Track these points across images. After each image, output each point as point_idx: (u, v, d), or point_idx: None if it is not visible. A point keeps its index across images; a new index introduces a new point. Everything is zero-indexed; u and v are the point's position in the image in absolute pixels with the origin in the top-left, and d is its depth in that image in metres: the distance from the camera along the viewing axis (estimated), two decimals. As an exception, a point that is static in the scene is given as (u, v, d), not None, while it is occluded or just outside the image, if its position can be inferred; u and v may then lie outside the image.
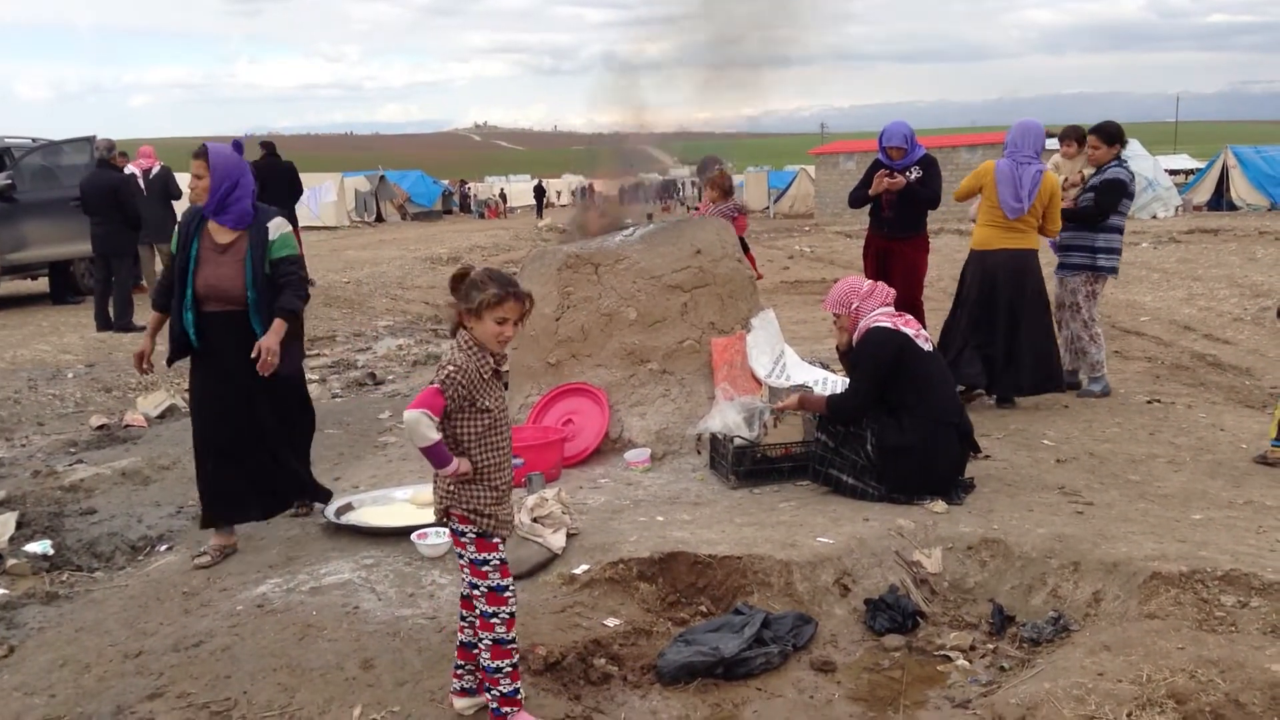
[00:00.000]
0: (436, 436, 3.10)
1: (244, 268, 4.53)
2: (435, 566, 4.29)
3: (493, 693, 3.19)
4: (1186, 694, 3.29)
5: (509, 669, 3.18)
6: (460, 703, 3.32)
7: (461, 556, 3.24)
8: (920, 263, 7.56)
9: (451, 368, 3.13)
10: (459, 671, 3.34)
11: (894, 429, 4.88)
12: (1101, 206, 6.97)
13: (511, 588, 3.23)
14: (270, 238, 4.60)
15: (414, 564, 4.32)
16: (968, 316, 6.84)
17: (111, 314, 11.80)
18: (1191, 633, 3.63)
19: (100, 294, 11.99)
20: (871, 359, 4.97)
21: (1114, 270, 7.20)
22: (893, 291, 5.25)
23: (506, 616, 3.19)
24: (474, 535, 3.20)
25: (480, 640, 3.20)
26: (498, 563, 3.21)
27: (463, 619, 3.34)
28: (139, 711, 3.31)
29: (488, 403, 3.20)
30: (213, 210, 4.56)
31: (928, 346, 5.09)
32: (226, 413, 4.64)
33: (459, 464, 3.15)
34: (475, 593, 3.22)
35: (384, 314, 14.23)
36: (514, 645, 3.21)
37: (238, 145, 4.67)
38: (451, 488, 3.21)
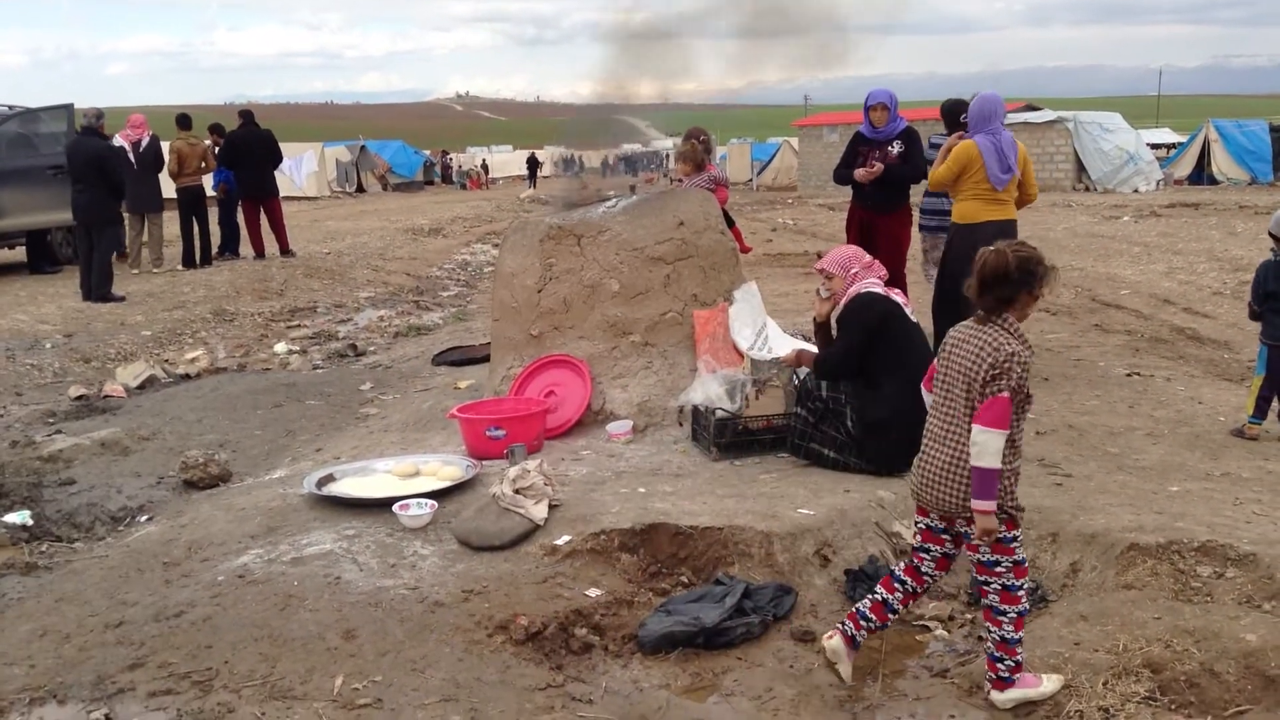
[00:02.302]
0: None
1: None
2: (417, 538, 4.29)
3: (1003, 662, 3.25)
4: (1162, 663, 3.34)
5: (1011, 664, 3.25)
6: (830, 643, 3.49)
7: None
8: (904, 236, 7.57)
9: (1020, 366, 3.08)
10: (861, 622, 3.46)
11: (874, 402, 4.89)
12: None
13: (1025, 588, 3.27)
14: None
15: (395, 535, 4.32)
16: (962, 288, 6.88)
17: (90, 285, 11.68)
18: (1168, 603, 3.68)
19: (85, 264, 11.86)
20: (860, 319, 4.99)
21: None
22: (885, 273, 5.28)
23: (1015, 616, 3.23)
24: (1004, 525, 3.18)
25: (990, 633, 3.28)
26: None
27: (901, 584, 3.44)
28: (120, 681, 3.30)
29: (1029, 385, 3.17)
30: None
31: (914, 318, 5.13)
32: None
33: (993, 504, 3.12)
34: (987, 588, 3.27)
35: (365, 285, 14.16)
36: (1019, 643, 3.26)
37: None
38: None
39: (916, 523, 3.46)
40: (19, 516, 5.12)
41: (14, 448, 6.31)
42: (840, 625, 3.53)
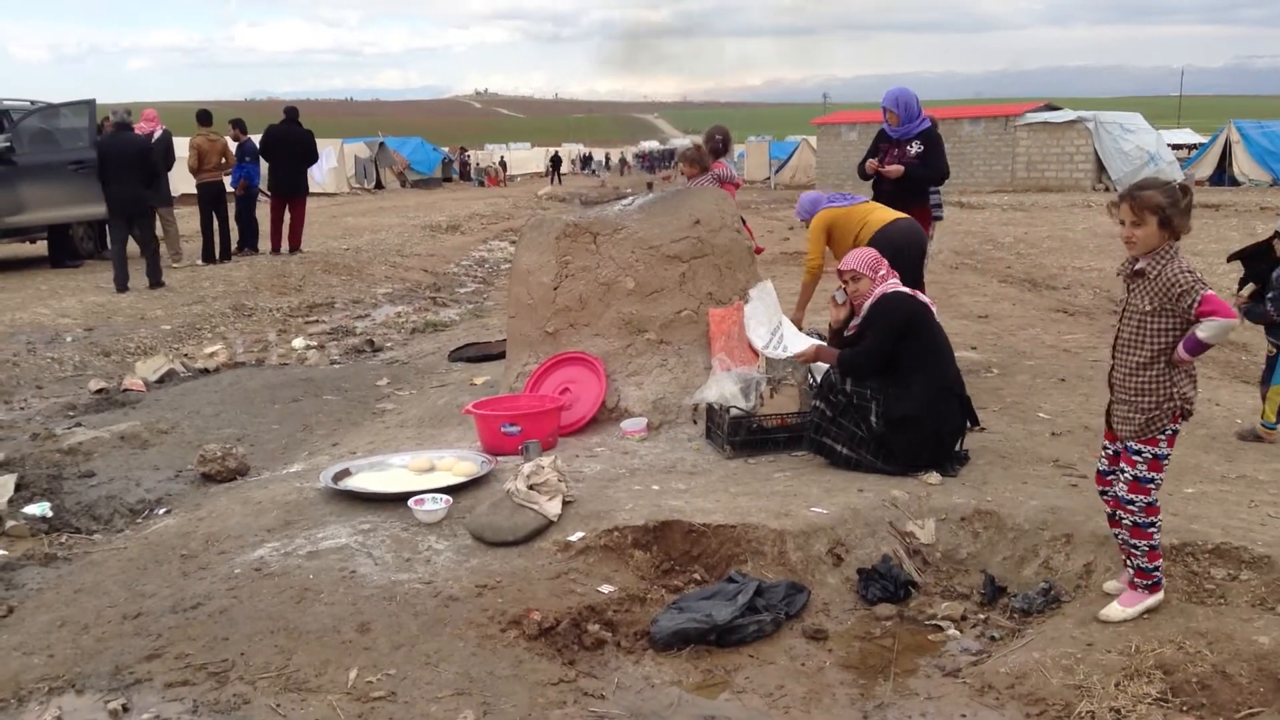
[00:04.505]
0: None
1: None
2: (431, 532, 4.32)
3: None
4: (1174, 665, 3.33)
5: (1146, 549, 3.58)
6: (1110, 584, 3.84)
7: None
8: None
9: (1200, 276, 3.40)
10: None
11: (900, 399, 4.88)
12: None
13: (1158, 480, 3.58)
14: None
15: (410, 530, 4.35)
16: None
17: (125, 277, 11.94)
18: (1181, 605, 3.67)
19: (119, 256, 12.08)
20: (888, 320, 5.00)
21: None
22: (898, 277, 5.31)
23: (1144, 505, 3.55)
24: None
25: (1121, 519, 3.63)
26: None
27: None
28: (137, 672, 3.34)
29: None
30: None
31: (938, 318, 5.16)
32: None
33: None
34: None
35: (383, 281, 14.21)
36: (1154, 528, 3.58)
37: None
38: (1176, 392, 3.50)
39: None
40: (39, 508, 5.18)
41: (35, 440, 6.37)
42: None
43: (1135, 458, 3.56)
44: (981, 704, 3.36)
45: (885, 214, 6.77)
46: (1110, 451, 3.72)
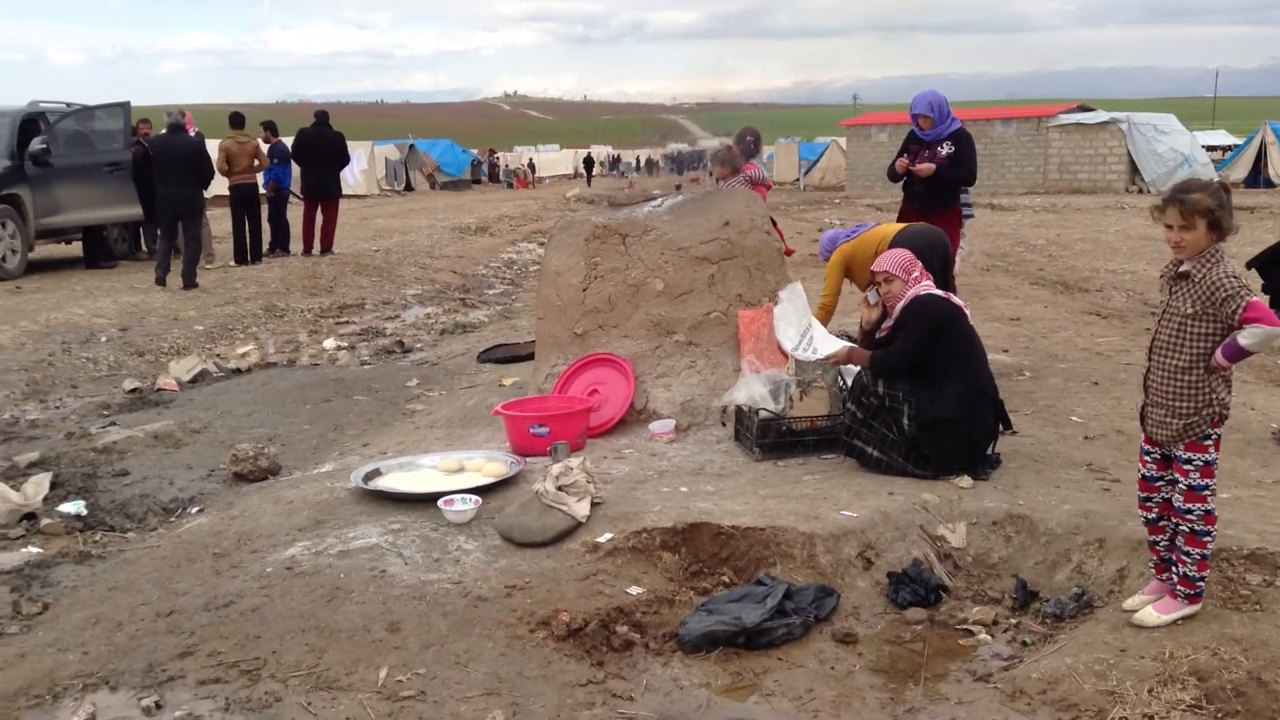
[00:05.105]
0: None
1: None
2: (461, 532, 4.33)
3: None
4: (1209, 671, 3.29)
5: (1198, 558, 3.54)
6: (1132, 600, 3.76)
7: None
8: (953, 237, 7.50)
9: (1245, 282, 3.40)
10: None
11: (933, 401, 4.85)
12: None
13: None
14: None
15: (440, 530, 4.36)
16: None
17: (165, 272, 12.23)
18: (1215, 610, 3.62)
19: (165, 250, 12.43)
20: (922, 322, 4.97)
21: None
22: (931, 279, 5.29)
23: (1202, 513, 3.51)
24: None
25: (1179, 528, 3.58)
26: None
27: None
28: (170, 669, 3.37)
29: None
30: None
31: (971, 321, 5.14)
32: None
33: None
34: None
35: (413, 282, 14.29)
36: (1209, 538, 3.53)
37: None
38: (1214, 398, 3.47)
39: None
40: (74, 506, 5.24)
41: (69, 439, 6.45)
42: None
43: (1186, 466, 3.52)
44: (1013, 709, 3.33)
45: (898, 225, 6.79)
46: (1156, 456, 3.66)
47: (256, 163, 14.57)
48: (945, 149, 7.26)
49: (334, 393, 7.79)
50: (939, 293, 5.12)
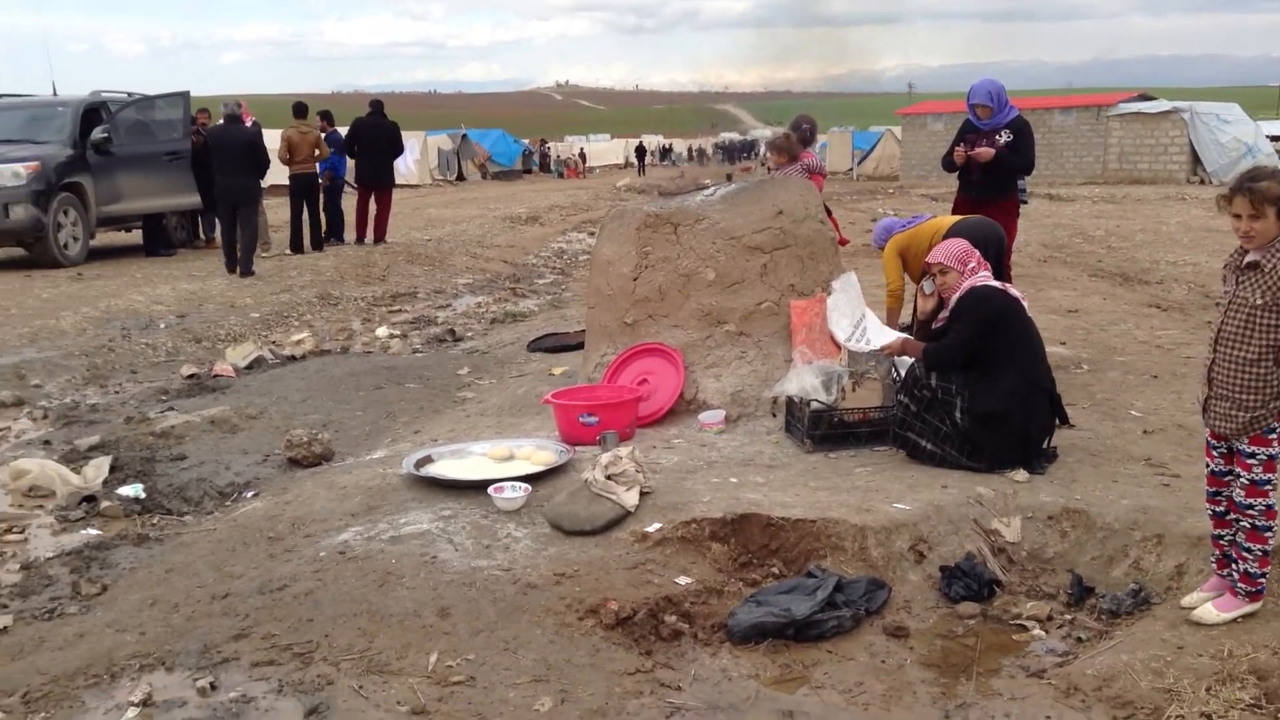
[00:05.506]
0: None
1: None
2: (510, 520, 4.35)
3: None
4: (1268, 670, 3.22)
5: (1259, 554, 3.48)
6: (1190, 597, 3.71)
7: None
8: (1010, 227, 7.38)
9: None
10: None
11: (986, 394, 4.78)
12: None
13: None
14: None
15: (490, 517, 4.38)
16: None
17: (234, 260, 12.50)
18: (1276, 608, 3.54)
19: (229, 240, 12.74)
20: (977, 314, 4.89)
21: None
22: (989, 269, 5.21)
23: (1264, 508, 3.45)
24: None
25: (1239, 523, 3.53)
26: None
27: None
28: (225, 651, 3.42)
29: None
30: None
31: (1029, 313, 5.04)
32: None
33: None
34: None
35: (464, 272, 14.37)
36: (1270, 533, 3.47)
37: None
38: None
39: None
40: (133, 489, 5.34)
41: (129, 424, 6.56)
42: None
43: (1250, 460, 3.44)
44: (1067, 706, 3.28)
45: (954, 217, 6.70)
46: (1223, 450, 3.57)
47: (317, 152, 14.68)
48: (1004, 137, 7.15)
49: (386, 380, 7.85)
50: (996, 284, 5.04)
